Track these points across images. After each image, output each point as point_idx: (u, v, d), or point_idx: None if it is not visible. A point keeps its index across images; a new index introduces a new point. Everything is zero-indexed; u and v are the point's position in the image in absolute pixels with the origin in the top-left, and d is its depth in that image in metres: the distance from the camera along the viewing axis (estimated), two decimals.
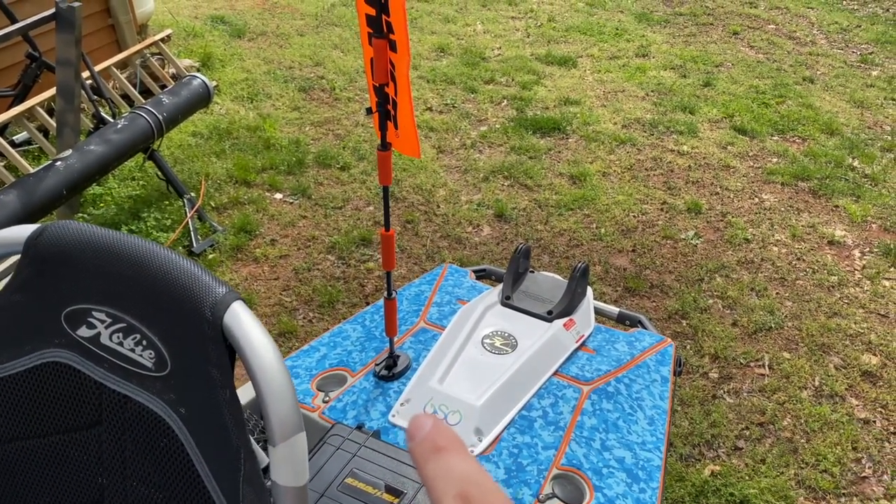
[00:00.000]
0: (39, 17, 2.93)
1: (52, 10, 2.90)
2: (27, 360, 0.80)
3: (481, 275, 2.10)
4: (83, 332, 0.76)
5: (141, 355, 0.75)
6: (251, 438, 0.76)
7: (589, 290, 1.84)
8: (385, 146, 1.32)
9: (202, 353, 0.73)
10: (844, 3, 8.12)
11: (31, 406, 0.81)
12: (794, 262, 3.61)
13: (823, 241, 3.79)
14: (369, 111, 1.28)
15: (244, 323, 0.73)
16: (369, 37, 1.22)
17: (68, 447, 0.81)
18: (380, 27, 1.18)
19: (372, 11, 1.18)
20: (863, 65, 6.22)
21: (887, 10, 7.86)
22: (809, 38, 6.79)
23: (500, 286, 1.83)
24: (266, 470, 0.80)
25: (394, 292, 1.52)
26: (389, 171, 1.32)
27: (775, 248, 3.71)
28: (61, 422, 0.81)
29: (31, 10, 4.00)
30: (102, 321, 0.75)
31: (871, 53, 6.49)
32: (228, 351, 0.74)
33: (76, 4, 2.86)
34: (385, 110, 1.28)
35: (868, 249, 3.73)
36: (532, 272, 1.89)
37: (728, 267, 3.55)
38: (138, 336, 0.74)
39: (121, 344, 0.75)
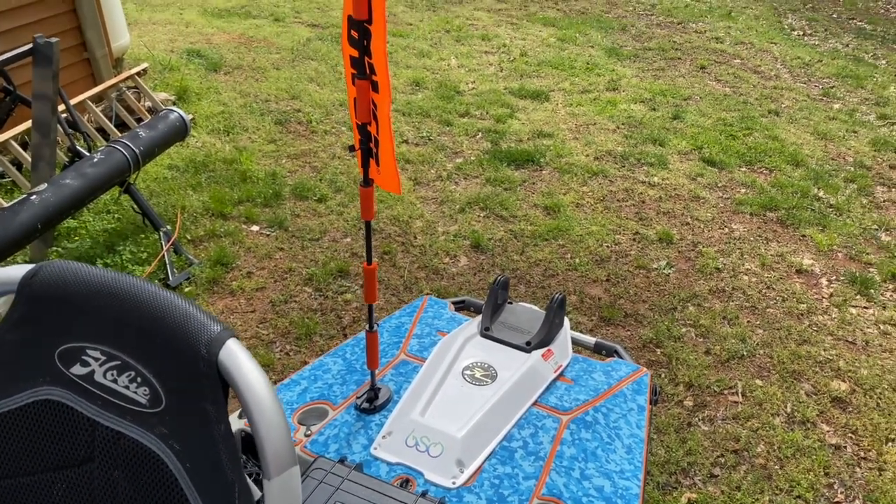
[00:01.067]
0: (16, 52, 2.93)
1: (30, 45, 2.90)
2: (20, 399, 0.80)
3: (460, 306, 2.12)
4: (77, 369, 0.77)
5: (135, 392, 0.76)
6: (244, 472, 0.77)
7: (566, 320, 1.87)
8: (367, 182, 1.35)
9: (197, 390, 0.74)
10: (806, 38, 8.41)
11: (23, 444, 0.82)
12: (764, 291, 3.69)
13: (792, 270, 3.88)
14: (352, 149, 1.31)
15: (240, 360, 0.74)
16: (353, 77, 1.26)
17: (60, 484, 0.82)
18: (363, 68, 1.22)
19: (355, 53, 1.22)
20: (825, 98, 6.43)
21: (847, 45, 8.15)
22: (774, 73, 7.01)
23: (479, 317, 1.86)
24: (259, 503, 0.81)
25: (375, 325, 1.54)
26: (371, 207, 1.35)
27: (746, 277, 3.79)
28: (53, 459, 0.81)
29: (3, 45, 4.00)
30: (97, 359, 0.76)
31: (832, 87, 6.71)
32: (223, 386, 0.76)
33: (54, 40, 2.88)
34: (367, 148, 1.31)
35: (835, 278, 3.83)
36: (510, 303, 1.92)
37: (700, 296, 3.62)
38: (133, 373, 0.76)
39: (115, 381, 0.76)
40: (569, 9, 9.13)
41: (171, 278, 3.40)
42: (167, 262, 3.45)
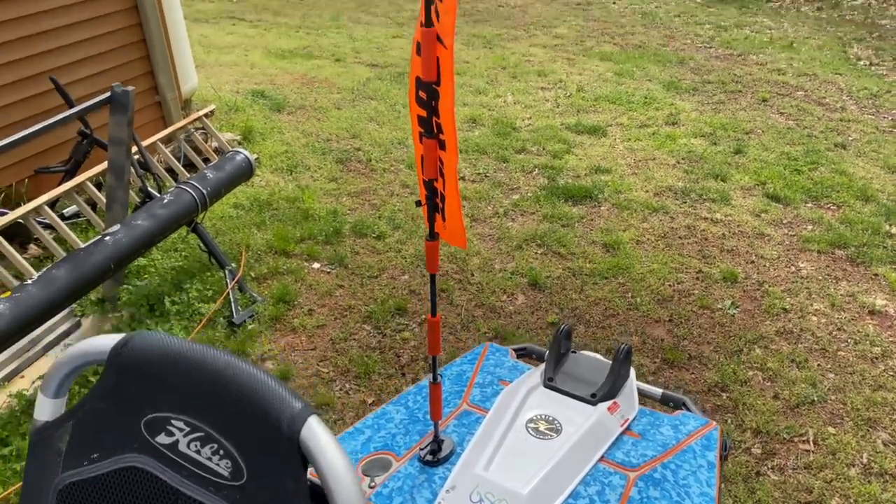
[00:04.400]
0: (96, 101, 3.08)
1: (108, 94, 3.05)
2: (107, 464, 0.83)
3: (522, 353, 2.11)
4: (162, 439, 0.80)
5: (218, 464, 0.78)
6: None
7: (632, 371, 1.84)
8: (433, 236, 1.36)
9: (278, 464, 0.76)
10: (873, 68, 8.18)
11: None
12: (834, 333, 3.56)
13: (864, 311, 3.73)
14: (419, 203, 1.33)
15: (321, 439, 0.76)
16: (420, 136, 1.28)
17: None
18: (430, 128, 1.24)
19: (423, 113, 1.24)
20: (895, 130, 6.22)
21: None
22: (839, 104, 6.83)
23: (542, 366, 1.84)
24: None
25: (438, 376, 1.54)
26: (437, 260, 1.36)
27: (814, 318, 3.66)
28: None
29: (84, 89, 4.21)
30: (181, 429, 0.79)
31: None
32: (303, 462, 0.77)
33: (130, 89, 3.02)
34: (434, 203, 1.33)
35: None
36: (574, 353, 1.89)
37: (767, 337, 3.51)
38: (216, 445, 0.78)
39: (198, 452, 0.79)
40: (625, 43, 9.11)
41: (235, 315, 3.48)
42: (232, 299, 3.54)
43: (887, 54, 8.80)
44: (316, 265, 4.03)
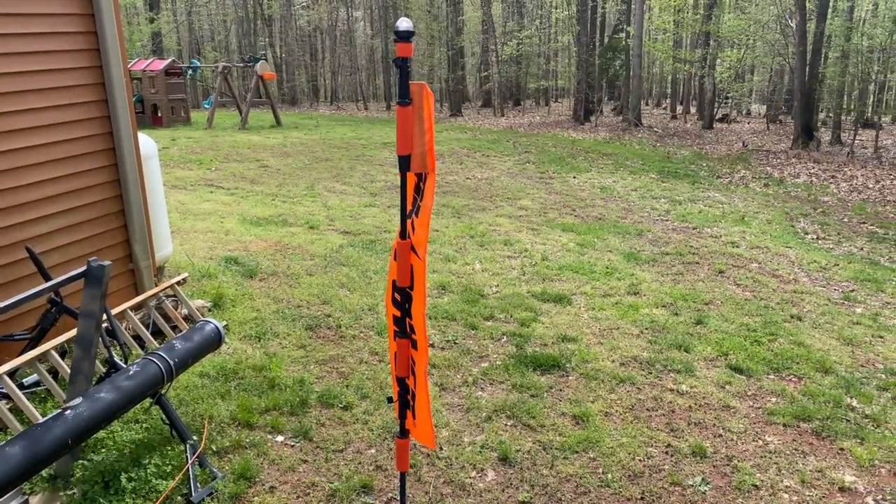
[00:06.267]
0: (71, 275, 3.13)
1: (83, 269, 3.10)
2: None
3: None
4: None
5: None
6: None
7: None
8: (403, 433, 1.38)
9: None
10: (820, 242, 8.68)
11: None
12: None
13: (834, 488, 3.71)
14: (390, 400, 1.37)
15: None
16: (395, 334, 1.34)
17: None
18: (404, 328, 1.30)
19: (398, 313, 1.31)
20: (846, 302, 6.50)
21: (861, 249, 8.37)
22: (792, 276, 7.16)
23: None
24: None
25: None
26: (407, 458, 1.37)
27: (786, 496, 3.63)
28: None
29: (59, 257, 4.26)
30: None
31: (852, 291, 6.81)
32: None
33: (107, 264, 3.08)
34: (405, 400, 1.36)
35: (881, 497, 3.65)
36: None
37: None
38: None
39: None
40: (586, 215, 9.60)
41: (193, 494, 3.34)
42: (191, 476, 3.41)
43: (832, 229, 9.38)
44: (280, 438, 3.93)
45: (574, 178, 12.94)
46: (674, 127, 26.48)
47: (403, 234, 1.20)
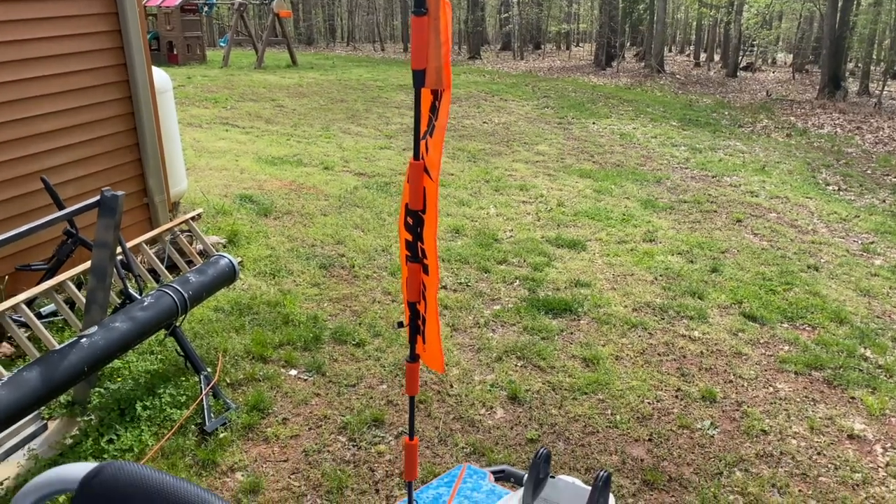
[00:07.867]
0: (84, 204, 3.13)
1: (97, 199, 3.10)
2: None
3: (500, 477, 2.07)
4: None
5: None
6: None
7: (612, 498, 1.80)
8: (413, 358, 1.38)
9: None
10: (841, 193, 8.52)
11: None
12: (814, 457, 3.53)
13: (843, 435, 3.72)
14: (401, 324, 1.35)
15: None
16: (406, 259, 1.32)
17: None
18: (416, 252, 1.28)
19: (410, 237, 1.28)
20: (865, 254, 6.42)
21: (884, 201, 8.22)
22: (811, 227, 7.06)
23: (520, 492, 1.80)
24: None
25: (414, 501, 1.51)
26: (416, 382, 1.37)
27: (794, 441, 3.64)
28: None
29: (73, 189, 4.27)
30: None
31: (872, 243, 6.71)
32: None
33: (120, 194, 3.07)
34: (416, 325, 1.35)
35: (890, 445, 3.66)
36: (553, 478, 1.86)
37: (747, 460, 3.47)
38: None
39: None
40: (604, 161, 9.47)
41: (207, 423, 3.40)
42: (205, 406, 3.47)
43: (854, 181, 9.20)
44: (293, 372, 3.98)
45: (593, 123, 12.73)
46: (697, 74, 25.90)
47: (416, 154, 1.16)
